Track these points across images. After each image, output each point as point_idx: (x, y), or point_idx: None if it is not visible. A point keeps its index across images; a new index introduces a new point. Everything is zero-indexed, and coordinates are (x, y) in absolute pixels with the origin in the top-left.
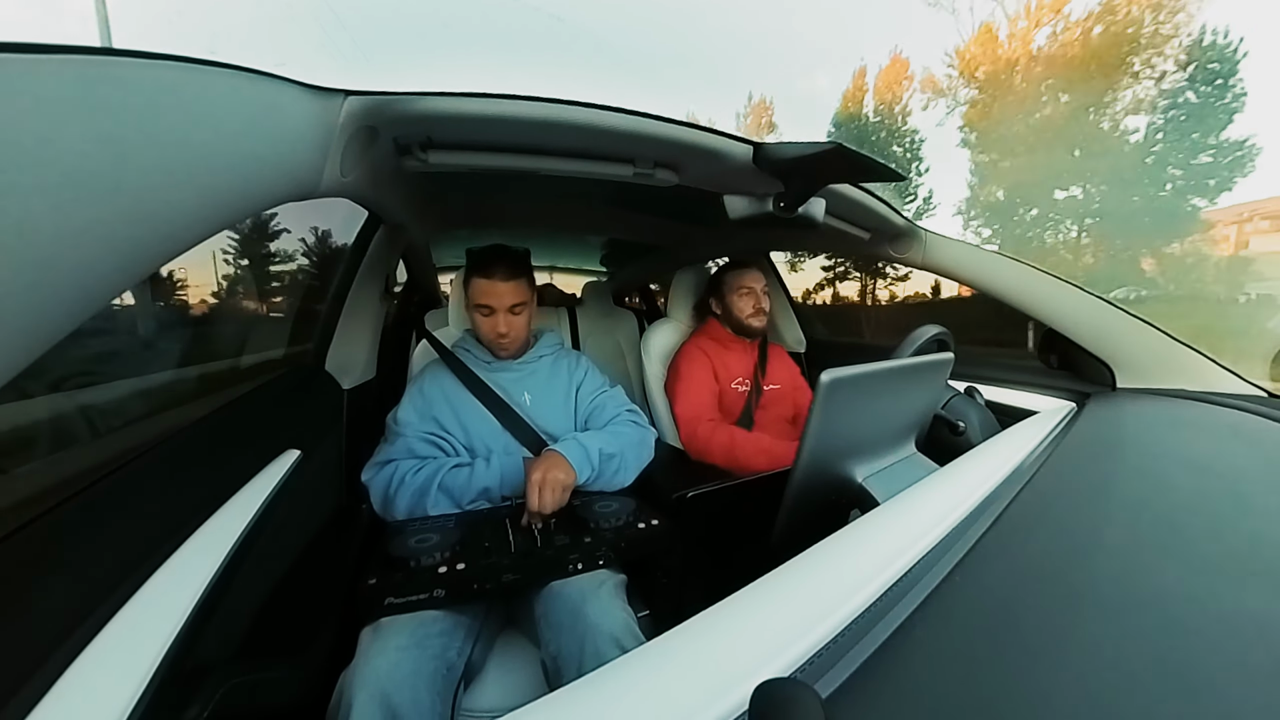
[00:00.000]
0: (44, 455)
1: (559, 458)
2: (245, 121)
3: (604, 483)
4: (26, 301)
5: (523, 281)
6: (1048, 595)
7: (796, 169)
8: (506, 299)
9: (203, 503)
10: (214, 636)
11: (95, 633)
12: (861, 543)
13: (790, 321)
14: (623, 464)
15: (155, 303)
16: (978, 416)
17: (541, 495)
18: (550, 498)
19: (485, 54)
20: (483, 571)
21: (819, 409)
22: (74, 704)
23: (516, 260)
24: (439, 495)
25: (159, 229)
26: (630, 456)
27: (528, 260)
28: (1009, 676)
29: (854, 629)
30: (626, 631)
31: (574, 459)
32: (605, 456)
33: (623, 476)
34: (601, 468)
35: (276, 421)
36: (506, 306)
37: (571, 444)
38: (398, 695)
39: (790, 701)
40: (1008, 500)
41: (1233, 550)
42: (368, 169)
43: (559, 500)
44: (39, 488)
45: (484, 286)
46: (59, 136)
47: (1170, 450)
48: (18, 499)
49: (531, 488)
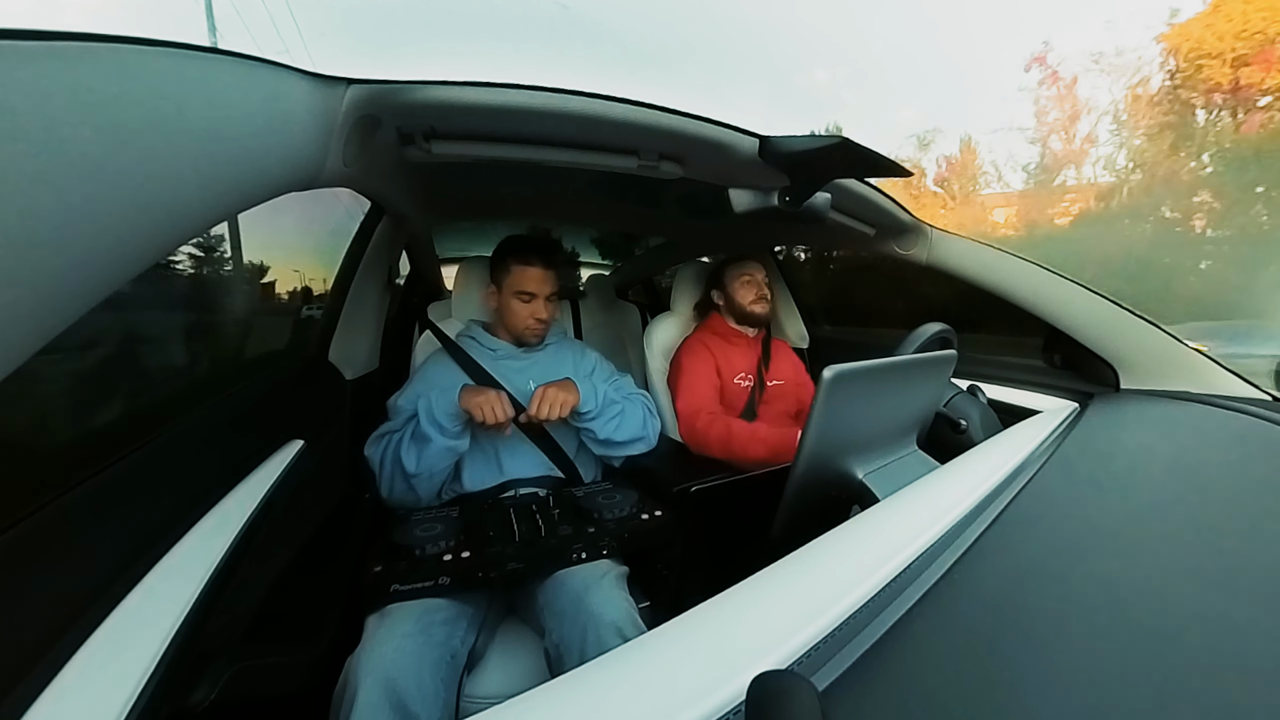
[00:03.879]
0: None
1: (567, 380)
2: (246, 110)
3: (599, 424)
4: (29, 292)
5: (555, 271)
6: (1046, 594)
7: (802, 163)
8: (546, 286)
9: (208, 491)
10: (221, 621)
11: (105, 616)
12: (861, 538)
13: (794, 316)
14: (623, 419)
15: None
16: (979, 415)
17: (541, 404)
18: (549, 408)
19: (489, 42)
20: (487, 560)
21: (821, 404)
22: (84, 686)
23: (553, 249)
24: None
25: (160, 219)
26: (631, 417)
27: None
28: (1005, 674)
29: (851, 624)
30: (628, 621)
31: (582, 389)
32: (609, 400)
33: (619, 429)
34: (603, 409)
35: (280, 411)
36: (546, 294)
37: (581, 379)
38: (403, 681)
39: (787, 693)
40: (1008, 499)
41: (1233, 553)
42: (370, 159)
43: (557, 413)
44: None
45: (528, 273)
46: (59, 125)
47: (1172, 453)
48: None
49: (535, 396)
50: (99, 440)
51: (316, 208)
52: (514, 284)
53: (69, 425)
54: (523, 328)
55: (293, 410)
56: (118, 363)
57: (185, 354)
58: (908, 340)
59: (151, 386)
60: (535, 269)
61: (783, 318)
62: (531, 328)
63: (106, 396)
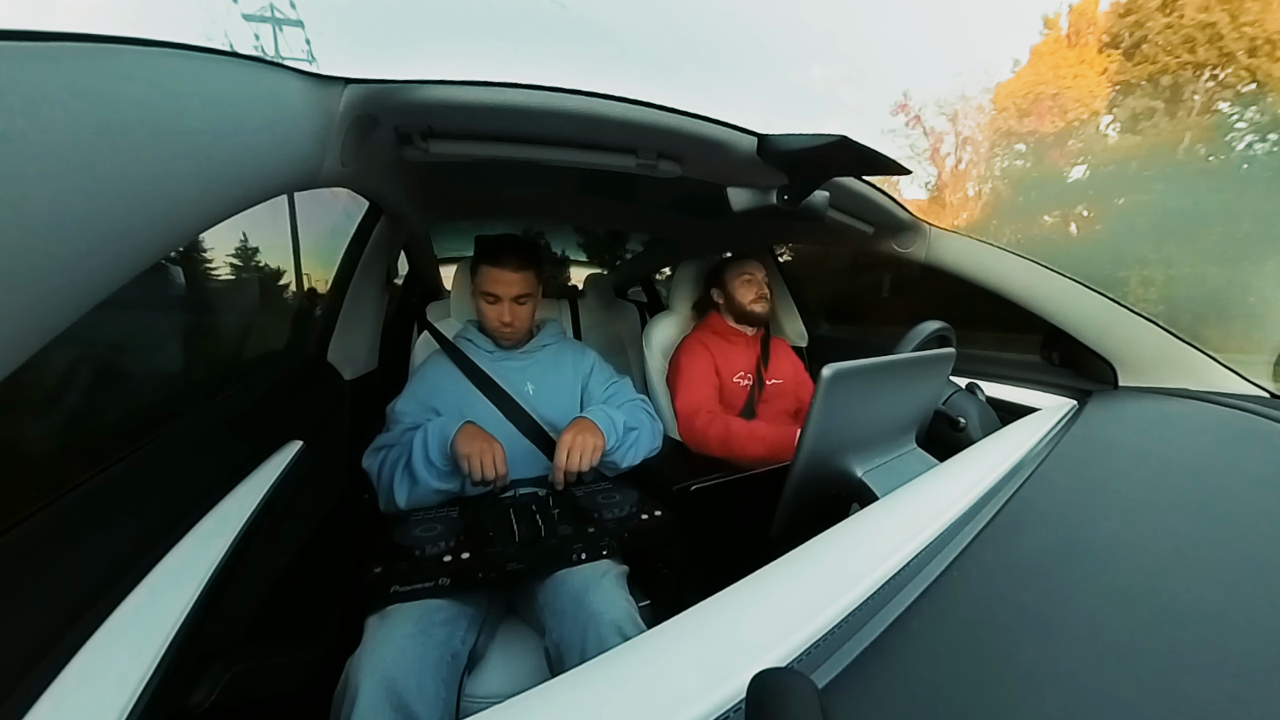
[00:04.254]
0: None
1: (588, 422)
2: (244, 110)
3: (619, 455)
4: (27, 294)
5: (531, 273)
6: (1044, 591)
7: (801, 161)
8: (513, 288)
9: (206, 492)
10: (221, 622)
11: (104, 618)
12: (860, 536)
13: (792, 315)
14: (638, 441)
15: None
16: (978, 413)
17: (571, 455)
18: (580, 458)
19: (487, 41)
20: (487, 560)
21: (820, 402)
22: (83, 688)
23: (527, 250)
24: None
25: (158, 220)
26: (644, 436)
27: (538, 251)
28: (1004, 669)
29: (851, 621)
30: (629, 620)
31: (602, 425)
32: (627, 429)
33: (634, 455)
34: (623, 438)
35: (278, 412)
36: (512, 296)
37: (598, 412)
38: (403, 682)
39: (787, 691)
40: (1006, 497)
41: (1232, 550)
42: (368, 158)
43: (590, 461)
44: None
45: (493, 275)
46: (56, 126)
47: (1171, 450)
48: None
49: (562, 448)
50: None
51: (315, 207)
52: (480, 285)
53: (58, 427)
54: (490, 330)
55: (291, 411)
56: (109, 363)
57: (180, 355)
58: (906, 338)
59: (144, 388)
60: (499, 270)
61: (781, 316)
62: (499, 330)
63: (98, 398)
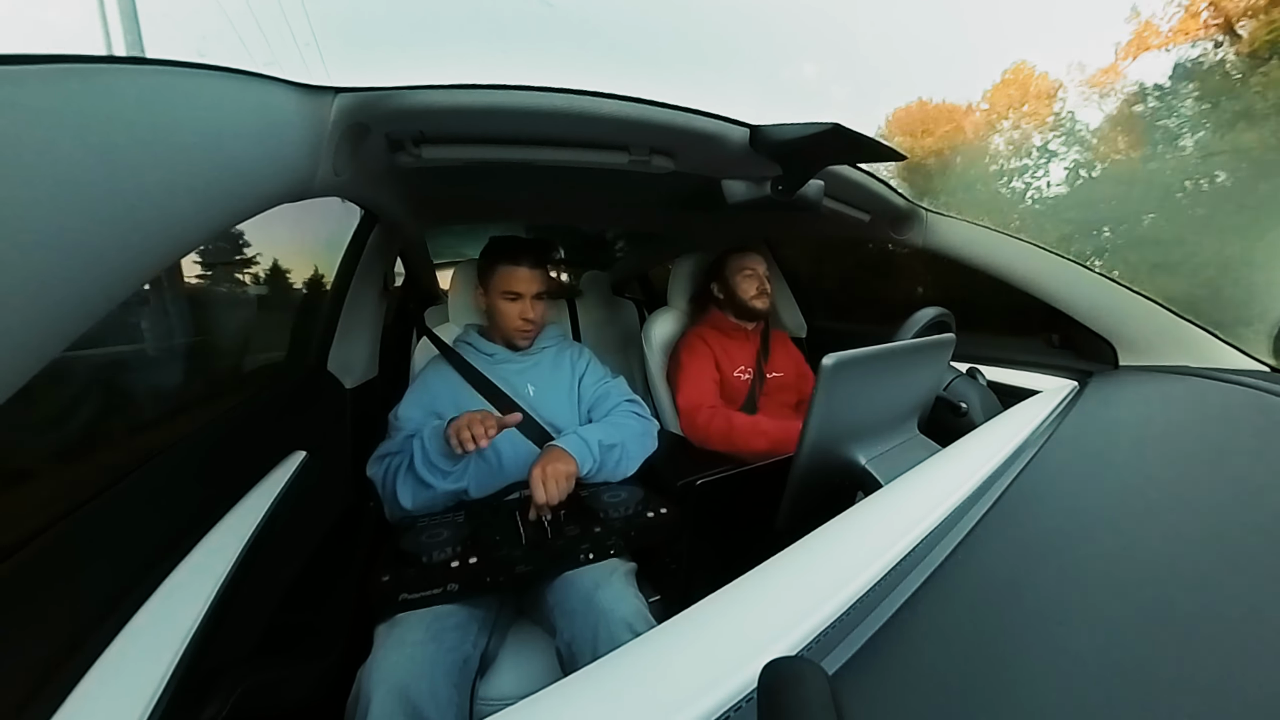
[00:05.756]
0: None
1: (558, 450)
2: (236, 123)
3: (607, 473)
4: (26, 313)
5: (545, 270)
6: (1049, 573)
7: (794, 151)
8: (534, 286)
9: (212, 506)
10: (229, 636)
11: (113, 635)
12: (865, 524)
13: (791, 307)
14: (625, 454)
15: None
16: (979, 397)
17: (546, 486)
18: (555, 488)
19: (476, 45)
20: (495, 564)
21: (822, 393)
22: (94, 707)
23: (542, 249)
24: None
25: (154, 236)
26: (632, 447)
27: (549, 250)
28: (1010, 653)
29: (859, 608)
30: (639, 616)
31: (574, 450)
32: (605, 447)
33: (625, 466)
34: (603, 459)
35: (281, 423)
36: (533, 293)
37: (571, 438)
38: (416, 689)
39: (797, 679)
40: (1009, 480)
41: (1235, 526)
42: (361, 167)
43: (564, 489)
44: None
45: (514, 274)
46: (50, 147)
47: (1172, 427)
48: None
49: (535, 482)
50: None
51: (309, 216)
52: (500, 284)
53: (59, 446)
54: (511, 328)
55: (294, 421)
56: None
57: (179, 367)
58: (906, 325)
59: (139, 408)
60: (520, 269)
61: (780, 308)
62: (520, 328)
63: (97, 410)
